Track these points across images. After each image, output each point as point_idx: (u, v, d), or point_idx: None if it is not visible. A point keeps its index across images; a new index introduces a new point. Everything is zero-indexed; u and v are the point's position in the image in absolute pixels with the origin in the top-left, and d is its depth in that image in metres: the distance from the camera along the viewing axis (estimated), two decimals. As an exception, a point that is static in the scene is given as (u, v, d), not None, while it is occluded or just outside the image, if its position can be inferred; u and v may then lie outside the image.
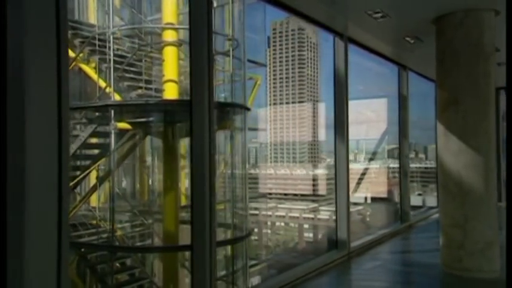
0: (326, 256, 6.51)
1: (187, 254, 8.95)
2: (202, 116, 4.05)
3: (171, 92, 7.87)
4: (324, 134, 35.04)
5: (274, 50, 37.91)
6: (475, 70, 5.51)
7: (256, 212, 27.57)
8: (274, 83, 37.47)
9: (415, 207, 10.38)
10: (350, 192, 6.92)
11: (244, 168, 8.74)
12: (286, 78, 37.95)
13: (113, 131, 7.22)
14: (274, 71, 37.77)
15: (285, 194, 33.51)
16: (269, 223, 30.71)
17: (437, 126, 5.96)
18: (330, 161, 31.35)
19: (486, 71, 5.51)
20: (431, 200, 12.58)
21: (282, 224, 31.73)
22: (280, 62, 37.91)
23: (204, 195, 4.03)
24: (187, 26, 8.62)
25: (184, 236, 8.52)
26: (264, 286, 5.72)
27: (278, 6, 5.76)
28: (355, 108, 7.84)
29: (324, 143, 34.73)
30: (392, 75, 9.45)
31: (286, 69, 37.88)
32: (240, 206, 8.56)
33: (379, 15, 5.92)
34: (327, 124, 33.68)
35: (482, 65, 5.51)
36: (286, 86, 37.80)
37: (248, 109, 8.53)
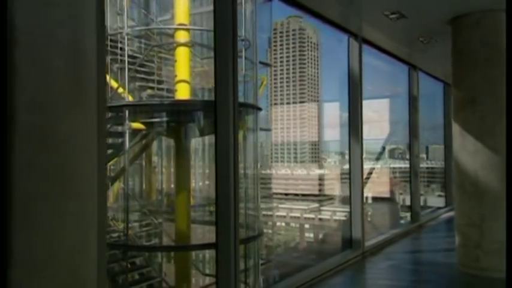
0: (341, 255, 6.53)
1: (194, 254, 9.00)
2: (227, 116, 4.07)
3: (183, 92, 7.89)
4: (325, 134, 34.99)
5: (275, 50, 37.84)
6: (492, 70, 5.54)
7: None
8: (274, 83, 37.41)
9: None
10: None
11: (256, 168, 8.76)
12: (287, 78, 37.88)
13: (127, 131, 7.23)
14: (274, 71, 37.68)
15: (286, 194, 33.44)
16: (270, 223, 30.65)
17: (453, 126, 5.99)
18: (331, 161, 31.38)
19: (503, 71, 5.52)
20: (433, 201, 12.61)
21: (283, 224, 31.67)
22: (280, 62, 37.84)
23: (228, 194, 4.06)
24: (199, 27, 8.68)
25: (192, 235, 8.54)
26: (282, 285, 5.73)
27: (295, 6, 5.79)
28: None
29: (324, 143, 34.68)
30: (397, 75, 9.43)
31: (287, 70, 37.82)
32: (251, 206, 8.57)
33: (396, 15, 5.95)
34: (328, 124, 33.68)
35: (499, 65, 5.53)
36: (287, 86, 37.73)
37: (260, 109, 8.56)
